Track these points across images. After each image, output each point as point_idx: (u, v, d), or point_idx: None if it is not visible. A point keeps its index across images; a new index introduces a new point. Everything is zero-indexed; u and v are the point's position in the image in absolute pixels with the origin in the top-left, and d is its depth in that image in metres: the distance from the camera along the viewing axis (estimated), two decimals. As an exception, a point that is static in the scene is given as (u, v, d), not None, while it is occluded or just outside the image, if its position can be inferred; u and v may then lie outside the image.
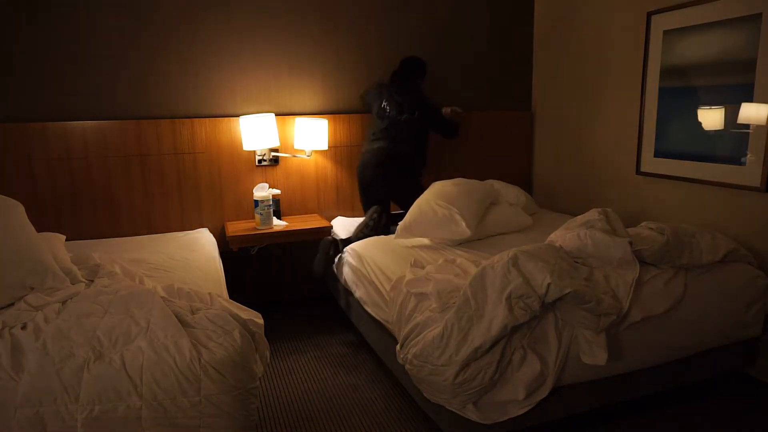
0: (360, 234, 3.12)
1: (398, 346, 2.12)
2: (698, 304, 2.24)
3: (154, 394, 1.59)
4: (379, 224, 3.15)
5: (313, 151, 3.52)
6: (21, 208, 2.27)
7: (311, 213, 3.64)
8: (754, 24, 2.52)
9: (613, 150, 3.46)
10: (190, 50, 3.25)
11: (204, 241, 3.03)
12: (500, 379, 1.89)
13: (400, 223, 2.97)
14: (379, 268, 2.65)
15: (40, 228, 2.53)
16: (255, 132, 3.24)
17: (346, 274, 3.03)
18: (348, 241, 3.11)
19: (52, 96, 3.03)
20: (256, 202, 3.18)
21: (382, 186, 3.31)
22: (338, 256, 3.15)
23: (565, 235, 2.31)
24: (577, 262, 2.17)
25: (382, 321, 2.52)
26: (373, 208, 3.19)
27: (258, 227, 3.21)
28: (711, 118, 2.79)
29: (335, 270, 3.23)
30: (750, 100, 2.57)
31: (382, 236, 3.07)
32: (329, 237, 3.18)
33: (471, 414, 1.90)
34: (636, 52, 3.18)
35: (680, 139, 2.97)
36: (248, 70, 3.40)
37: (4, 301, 1.95)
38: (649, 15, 3.05)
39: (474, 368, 1.83)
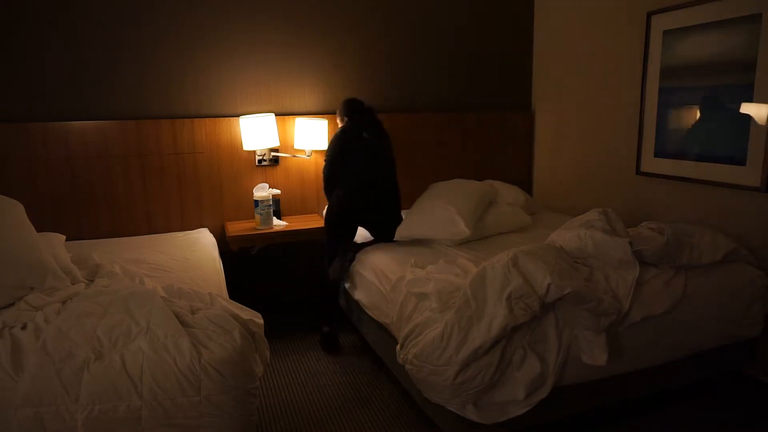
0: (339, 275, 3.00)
1: (398, 346, 2.12)
2: (698, 304, 2.24)
3: (154, 394, 1.59)
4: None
5: (313, 151, 3.51)
6: (21, 208, 2.27)
7: (311, 213, 3.64)
8: (754, 24, 2.52)
9: (613, 150, 3.46)
10: (190, 50, 3.25)
11: (204, 241, 3.03)
12: (500, 379, 1.89)
13: (400, 224, 2.97)
14: (379, 268, 2.65)
15: (40, 228, 2.53)
16: (255, 132, 3.24)
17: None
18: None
19: (52, 96, 3.03)
20: (256, 202, 3.18)
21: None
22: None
23: (565, 235, 2.31)
24: (577, 262, 2.17)
25: (382, 321, 2.52)
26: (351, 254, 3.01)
27: (258, 227, 3.21)
28: (711, 118, 2.79)
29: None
30: (750, 100, 2.57)
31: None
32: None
33: (471, 414, 1.90)
34: (636, 52, 3.18)
35: (680, 139, 2.97)
36: (248, 71, 3.40)
37: (4, 301, 1.95)
38: (649, 15, 3.05)
39: (474, 368, 1.83)
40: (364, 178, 2.97)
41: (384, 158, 3.05)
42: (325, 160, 3.06)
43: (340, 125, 3.12)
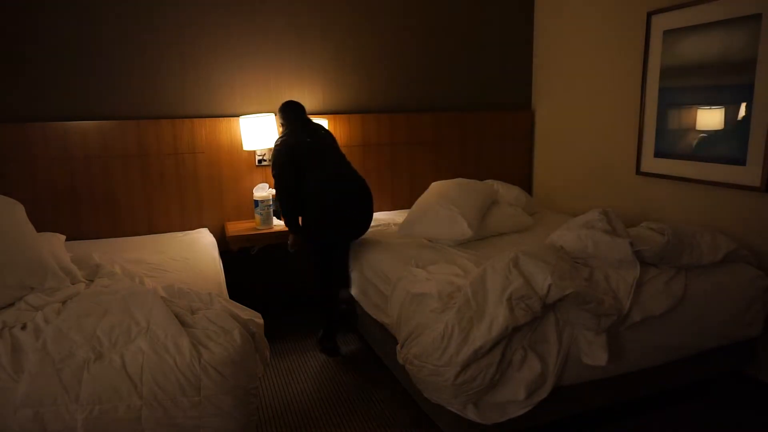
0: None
1: (399, 346, 2.12)
2: (698, 304, 2.24)
3: (154, 394, 1.59)
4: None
5: (313, 151, 3.51)
6: (21, 208, 2.27)
7: (311, 213, 3.63)
8: (754, 24, 2.52)
9: (613, 150, 3.46)
10: (190, 50, 3.25)
11: (204, 241, 3.03)
12: (501, 379, 1.89)
13: (402, 222, 2.97)
14: (379, 268, 2.65)
15: (40, 228, 2.53)
16: (255, 132, 3.23)
17: (346, 274, 3.02)
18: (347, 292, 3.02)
19: (52, 96, 3.03)
20: (256, 202, 3.18)
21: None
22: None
23: (566, 235, 2.31)
24: (577, 263, 2.17)
25: (382, 321, 2.52)
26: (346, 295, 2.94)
27: (258, 227, 3.21)
28: (711, 118, 2.79)
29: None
30: (750, 100, 2.57)
31: (382, 235, 3.06)
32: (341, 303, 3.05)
33: (471, 414, 1.90)
34: (636, 52, 3.18)
35: (680, 139, 2.97)
36: (248, 70, 3.39)
37: (4, 301, 1.95)
38: (649, 15, 3.05)
39: (474, 369, 1.83)
40: (333, 185, 2.80)
41: (336, 150, 2.95)
42: (273, 176, 2.84)
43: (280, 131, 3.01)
